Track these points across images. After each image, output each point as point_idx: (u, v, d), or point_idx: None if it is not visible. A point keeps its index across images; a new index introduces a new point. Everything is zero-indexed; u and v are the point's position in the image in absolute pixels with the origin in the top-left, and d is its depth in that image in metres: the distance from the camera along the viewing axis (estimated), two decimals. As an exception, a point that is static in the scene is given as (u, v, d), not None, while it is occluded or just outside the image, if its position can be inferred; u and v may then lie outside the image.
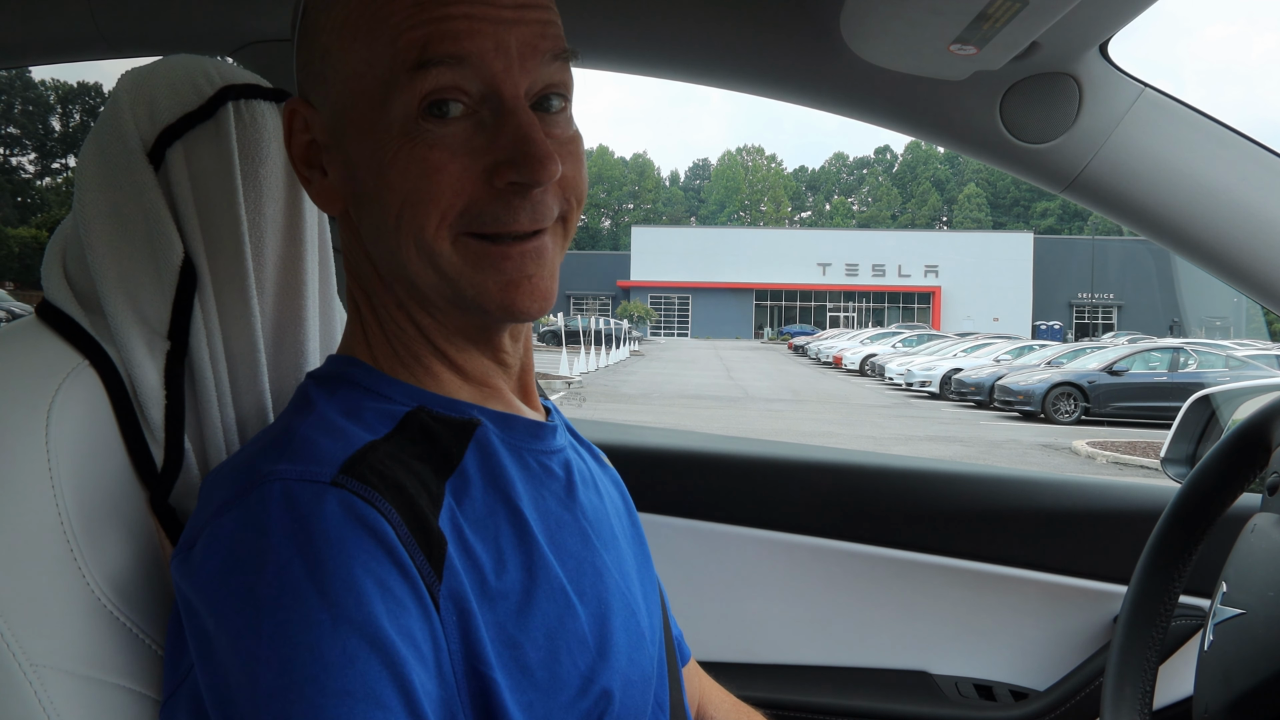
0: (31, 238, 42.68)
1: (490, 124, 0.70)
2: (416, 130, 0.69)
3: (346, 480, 0.65)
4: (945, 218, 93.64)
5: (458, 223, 0.70)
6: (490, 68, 0.69)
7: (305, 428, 0.70)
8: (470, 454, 0.73)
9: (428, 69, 0.68)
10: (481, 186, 0.70)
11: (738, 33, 1.24)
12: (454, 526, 0.68)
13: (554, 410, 0.89)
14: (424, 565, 0.65)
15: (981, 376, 19.07)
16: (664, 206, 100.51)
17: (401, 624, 0.62)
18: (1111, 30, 1.10)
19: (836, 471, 1.64)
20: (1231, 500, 1.07)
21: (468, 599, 0.66)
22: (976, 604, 1.57)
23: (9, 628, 0.68)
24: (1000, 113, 1.19)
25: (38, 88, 65.23)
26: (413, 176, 0.69)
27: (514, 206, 0.70)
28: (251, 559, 0.62)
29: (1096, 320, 54.80)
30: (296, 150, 0.78)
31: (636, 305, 54.93)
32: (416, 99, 0.68)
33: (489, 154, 0.69)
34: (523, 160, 0.68)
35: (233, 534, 0.64)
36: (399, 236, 0.71)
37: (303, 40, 0.76)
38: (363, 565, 0.62)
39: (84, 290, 0.82)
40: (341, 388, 0.76)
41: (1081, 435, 14.14)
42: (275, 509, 0.63)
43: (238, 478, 0.67)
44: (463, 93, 0.69)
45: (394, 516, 0.65)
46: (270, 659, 0.59)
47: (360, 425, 0.71)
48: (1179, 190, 1.17)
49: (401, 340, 0.77)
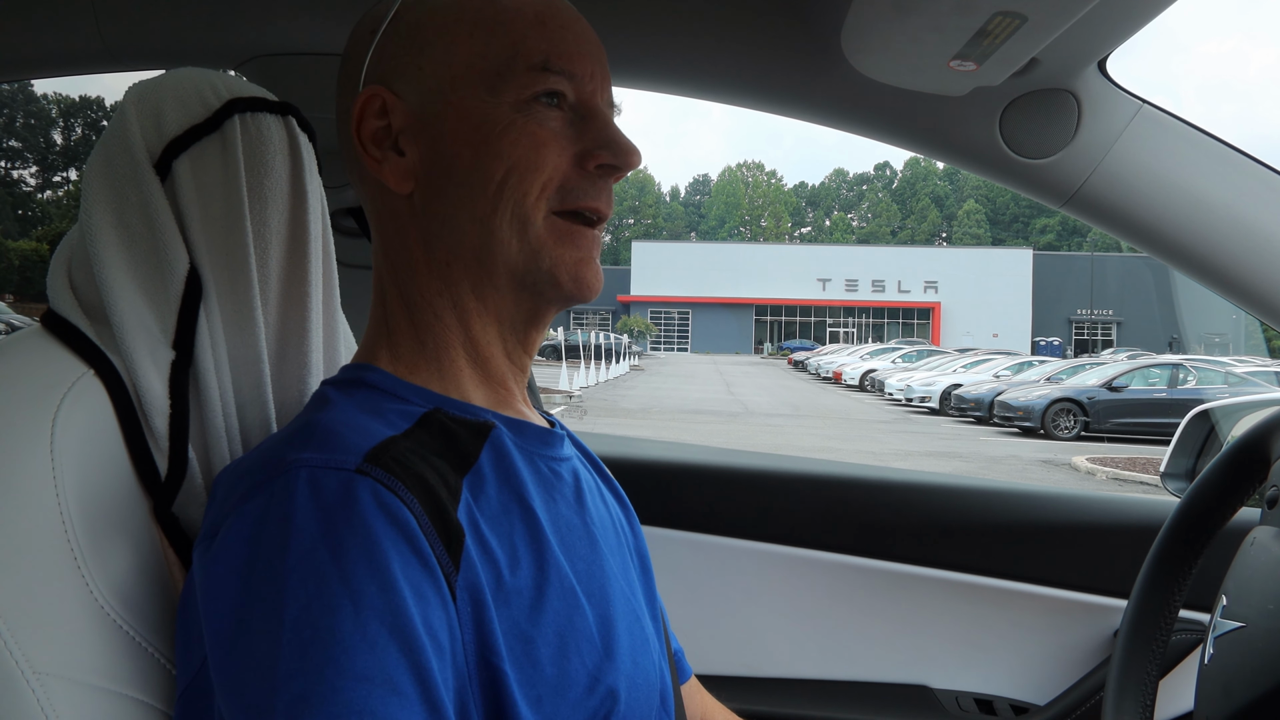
0: (32, 250, 42.71)
1: (580, 124, 0.80)
2: (530, 110, 0.77)
3: (371, 469, 0.66)
4: (945, 234, 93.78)
5: (554, 198, 0.78)
6: (586, 87, 0.81)
7: (327, 420, 0.72)
8: (486, 454, 0.75)
9: (549, 73, 0.78)
10: (574, 169, 0.78)
11: (739, 48, 1.25)
12: (471, 521, 0.70)
13: (559, 423, 0.91)
14: (443, 556, 0.66)
15: (981, 392, 19.07)
16: (664, 222, 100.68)
17: (422, 613, 0.63)
18: (1110, 47, 1.11)
19: (837, 485, 1.64)
20: (1231, 514, 1.07)
21: (483, 591, 0.67)
22: (977, 618, 1.57)
23: (13, 635, 0.68)
24: (1000, 128, 1.20)
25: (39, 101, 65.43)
26: (523, 146, 0.76)
27: (599, 188, 0.80)
28: (276, 544, 0.63)
29: (1096, 336, 54.80)
30: (367, 133, 0.80)
31: (636, 320, 54.93)
32: (531, 90, 0.77)
33: (580, 143, 0.79)
34: (615, 147, 0.79)
35: (257, 520, 0.65)
36: (497, 203, 0.76)
37: (395, 38, 0.80)
38: (386, 553, 0.63)
39: (89, 300, 0.82)
40: (359, 390, 0.78)
41: (1081, 451, 14.13)
42: (300, 495, 0.64)
43: (261, 467, 0.68)
44: (566, 97, 0.79)
45: (416, 506, 0.66)
46: (291, 642, 0.60)
47: (380, 422, 0.73)
48: (1177, 205, 1.18)
49: (432, 332, 0.80)
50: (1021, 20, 0.92)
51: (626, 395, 22.32)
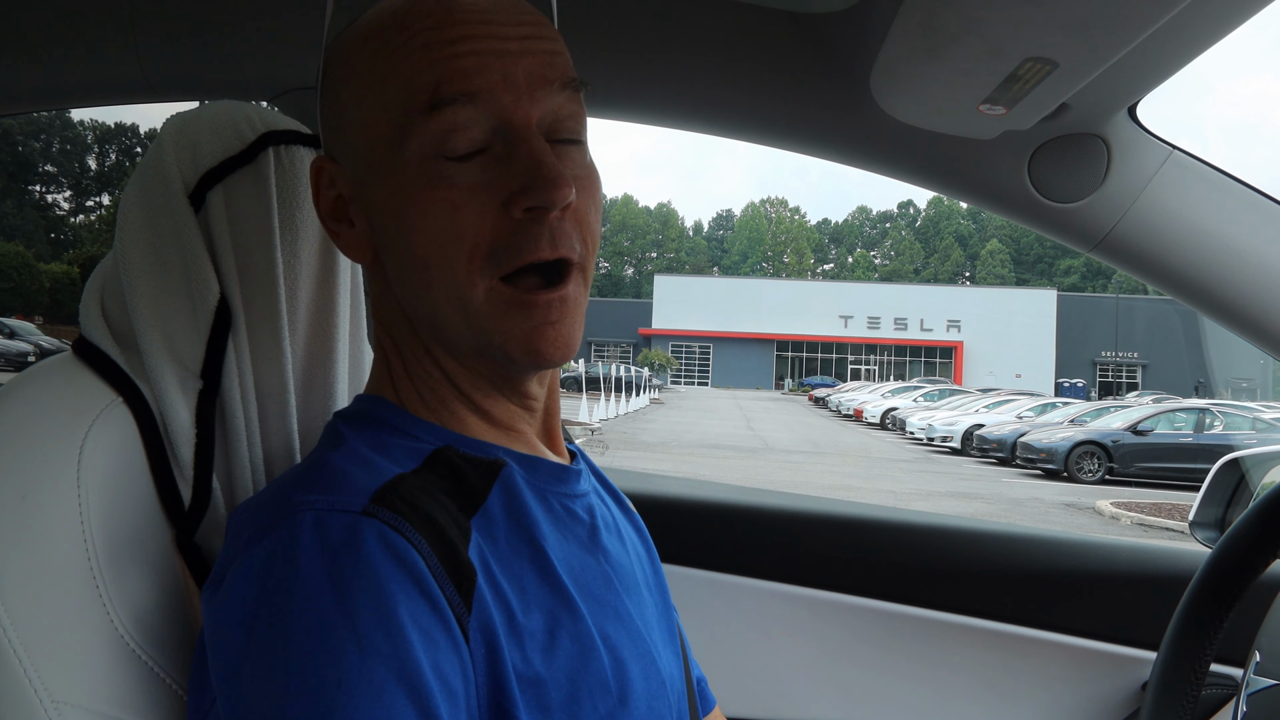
0: (63, 273, 43.36)
1: (504, 156, 0.71)
2: (434, 171, 0.70)
3: (378, 510, 0.65)
4: (968, 273, 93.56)
5: (488, 265, 0.70)
6: (499, 100, 0.71)
7: (336, 459, 0.71)
8: (495, 493, 0.73)
9: (441, 109, 0.70)
10: (501, 220, 0.70)
11: (768, 89, 1.26)
12: (481, 561, 0.68)
13: (580, 454, 0.89)
14: (454, 597, 0.64)
15: (1004, 433, 18.91)
16: (687, 256, 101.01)
17: (431, 657, 0.61)
18: (1140, 93, 1.11)
19: (860, 527, 1.63)
20: (1264, 568, 1.05)
21: (496, 633, 0.66)
22: (1002, 666, 1.54)
23: (33, 664, 0.68)
24: (1029, 172, 1.20)
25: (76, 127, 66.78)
26: (434, 217, 0.70)
27: (533, 234, 0.70)
28: (282, 589, 0.62)
29: (1121, 379, 54.32)
30: (324, 206, 0.79)
31: (658, 353, 54.97)
32: (432, 139, 0.70)
33: (505, 185, 0.70)
34: (535, 184, 0.69)
35: (263, 564, 0.64)
36: (429, 279, 0.72)
37: (324, 99, 0.79)
38: (393, 597, 0.61)
39: (120, 328, 0.83)
40: (369, 426, 0.76)
41: (1105, 495, 13.96)
42: (306, 539, 0.63)
43: (269, 509, 0.67)
44: (477, 132, 0.70)
45: (424, 547, 0.64)
46: (299, 691, 0.58)
47: (389, 459, 0.72)
48: (1207, 252, 1.17)
49: (428, 385, 0.78)
50: (1052, 66, 0.92)
51: (645, 429, 22.28)
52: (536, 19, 0.75)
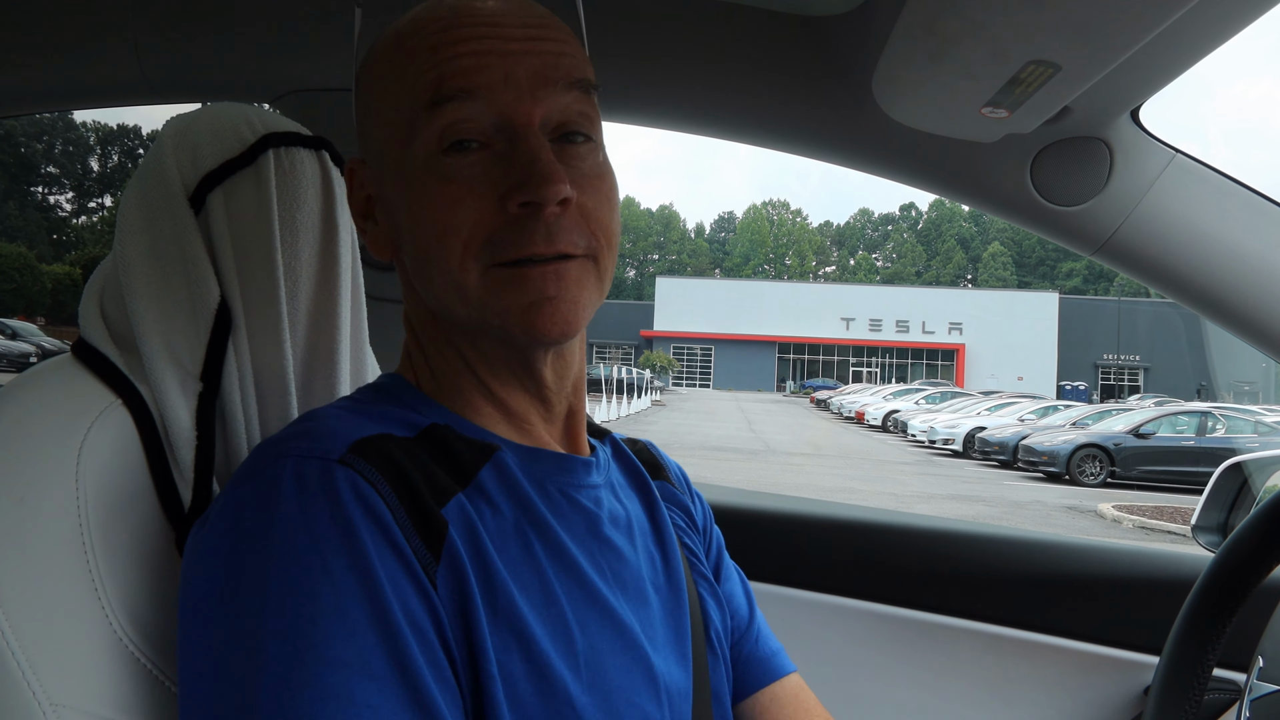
0: (65, 275, 43.43)
1: (505, 153, 0.73)
2: (437, 165, 0.73)
3: (353, 459, 0.68)
4: (970, 275, 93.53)
5: (483, 253, 0.72)
6: (500, 99, 0.73)
7: (330, 415, 0.74)
8: (486, 471, 0.75)
9: (442, 105, 0.72)
10: (498, 214, 0.72)
11: (770, 92, 1.26)
12: (465, 522, 0.70)
13: (599, 449, 0.89)
14: (420, 548, 0.67)
15: (1005, 436, 18.88)
16: (689, 258, 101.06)
17: (401, 600, 0.64)
18: (1143, 97, 1.11)
19: (861, 530, 1.62)
20: (1267, 572, 1.04)
21: (470, 583, 0.68)
22: (1003, 670, 1.54)
23: (31, 666, 0.68)
24: (1031, 175, 1.20)
25: (79, 129, 66.89)
26: (434, 209, 0.73)
27: (528, 229, 0.72)
28: (259, 531, 0.64)
29: (1123, 382, 54.27)
30: (356, 205, 0.83)
31: (659, 355, 54.94)
32: (435, 135, 0.73)
33: (502, 181, 0.72)
34: (528, 180, 0.71)
35: (243, 506, 0.66)
36: (430, 271, 0.75)
37: (356, 103, 0.82)
38: (364, 542, 0.64)
39: (120, 330, 0.83)
40: (379, 396, 0.80)
41: (1107, 498, 13.93)
42: (285, 484, 0.66)
43: (258, 455, 0.70)
44: (476, 126, 0.73)
45: (392, 499, 0.67)
46: (274, 630, 0.61)
47: (383, 425, 0.74)
48: (1209, 255, 1.17)
49: (445, 371, 0.81)
50: (1055, 69, 0.92)
51: (647, 430, 22.27)
52: (545, 21, 0.77)
